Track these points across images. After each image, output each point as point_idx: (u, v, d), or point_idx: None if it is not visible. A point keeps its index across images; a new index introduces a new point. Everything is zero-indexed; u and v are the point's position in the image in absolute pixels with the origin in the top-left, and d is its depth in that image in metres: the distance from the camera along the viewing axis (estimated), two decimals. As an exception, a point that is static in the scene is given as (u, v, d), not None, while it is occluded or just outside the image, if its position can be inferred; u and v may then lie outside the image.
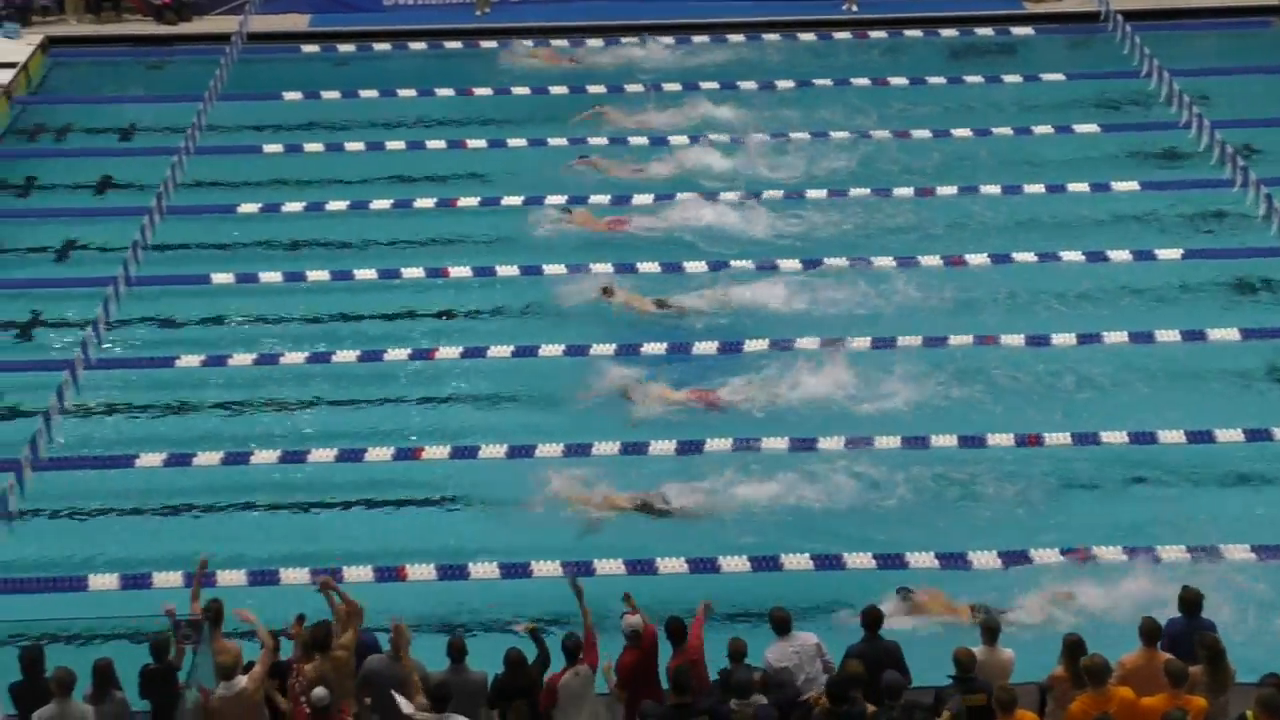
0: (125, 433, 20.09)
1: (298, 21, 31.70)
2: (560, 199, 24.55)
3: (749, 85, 28.46)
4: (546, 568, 17.30)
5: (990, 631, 14.00)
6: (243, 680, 13.57)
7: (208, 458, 19.21)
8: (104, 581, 17.30)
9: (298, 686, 13.43)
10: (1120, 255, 22.97)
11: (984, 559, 17.29)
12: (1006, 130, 26.61)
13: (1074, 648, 13.53)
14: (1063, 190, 24.78)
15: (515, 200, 24.70)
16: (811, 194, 24.84)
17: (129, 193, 25.56)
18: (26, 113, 28.54)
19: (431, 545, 17.91)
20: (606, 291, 21.87)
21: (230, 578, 17.11)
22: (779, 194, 24.82)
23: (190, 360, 21.03)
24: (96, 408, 20.52)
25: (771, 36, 30.70)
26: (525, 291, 22.61)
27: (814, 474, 18.75)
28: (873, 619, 14.08)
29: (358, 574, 17.13)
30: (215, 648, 13.98)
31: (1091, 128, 26.65)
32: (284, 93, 28.63)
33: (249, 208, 24.82)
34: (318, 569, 16.94)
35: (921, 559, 17.34)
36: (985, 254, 23.07)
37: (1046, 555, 17.27)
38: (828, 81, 28.62)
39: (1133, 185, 24.85)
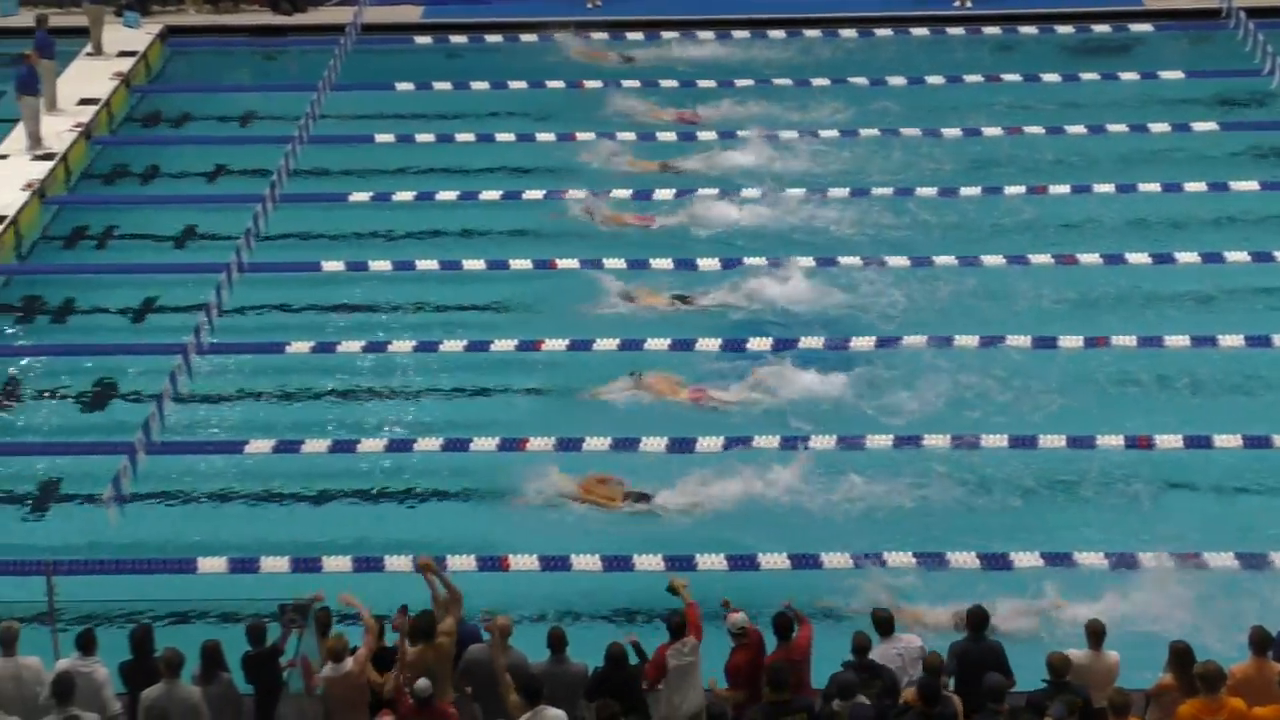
0: (235, 417, 20.31)
1: (410, 13, 31.93)
2: (668, 193, 24.59)
3: (859, 81, 28.31)
4: (649, 561, 17.30)
5: (1095, 635, 13.78)
6: (349, 662, 13.69)
7: (315, 444, 19.37)
8: (213, 564, 17.50)
9: (402, 679, 13.51)
10: (1238, 256, 22.57)
11: (1089, 559, 17.09)
12: (1122, 128, 26.24)
13: (1182, 655, 13.28)
14: (1179, 190, 24.40)
15: (624, 193, 24.71)
16: (921, 191, 24.65)
17: (243, 180, 25.87)
18: (145, 101, 28.99)
19: (535, 536, 17.94)
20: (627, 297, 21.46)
21: (336, 564, 17.26)
22: (889, 190, 24.65)
23: (300, 347, 21.23)
24: (208, 392, 20.77)
25: (884, 32, 30.52)
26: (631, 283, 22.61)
27: (919, 473, 18.64)
28: (977, 619, 13.92)
29: (461, 563, 17.22)
30: (320, 646, 14.11)
31: (1210, 126, 26.24)
32: (396, 83, 28.85)
33: (360, 196, 25.03)
34: (419, 556, 17.07)
35: (1026, 559, 17.17)
36: (1098, 254, 22.77)
37: (1152, 558, 17.03)
38: (939, 79, 28.39)
39: (1252, 185, 24.44)
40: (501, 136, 26.73)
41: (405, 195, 25.00)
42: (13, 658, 13.69)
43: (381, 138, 26.89)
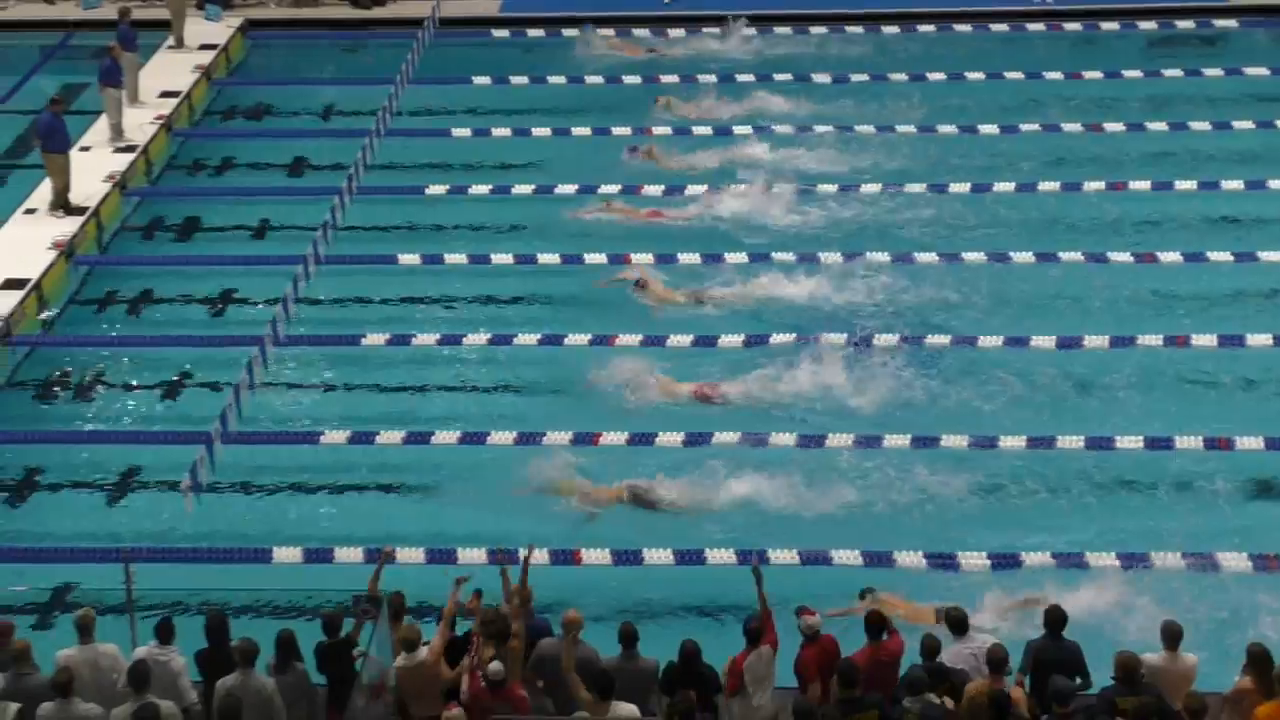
0: (311, 409, 20.42)
1: (489, 6, 32.02)
2: (741, 188, 24.56)
3: (937, 76, 28.18)
4: (721, 555, 17.28)
5: (1172, 637, 13.62)
6: (423, 652, 13.75)
7: (390, 436, 19.45)
8: (288, 555, 17.61)
9: (473, 662, 13.56)
10: (1323, 255, 22.32)
11: (1166, 560, 16.94)
12: (1205, 125, 25.95)
13: (1260, 660, 13.12)
14: (1263, 187, 24.08)
15: (698, 189, 24.66)
16: (999, 187, 24.50)
17: (321, 173, 26.01)
18: (224, 94, 29.22)
19: (610, 530, 17.93)
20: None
21: (409, 555, 17.35)
22: (965, 187, 24.51)
23: (376, 339, 21.34)
24: (284, 383, 20.88)
25: (963, 27, 30.35)
26: (705, 277, 22.56)
27: (992, 472, 18.54)
28: (1055, 619, 13.78)
29: (534, 557, 17.18)
30: (394, 632, 14.17)
31: (1297, 123, 25.96)
32: (474, 77, 28.94)
33: (437, 190, 25.12)
34: (494, 549, 17.12)
35: (1101, 560, 17.03)
36: (1179, 252, 22.52)
37: (1232, 560, 16.88)
38: (1019, 74, 28.20)
39: (1339, 182, 24.14)
40: (577, 131, 26.75)
41: (481, 189, 25.08)
42: (90, 644, 13.84)
43: (458, 132, 26.98)
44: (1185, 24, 30.11)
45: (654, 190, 24.69)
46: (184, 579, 16.85)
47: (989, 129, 26.18)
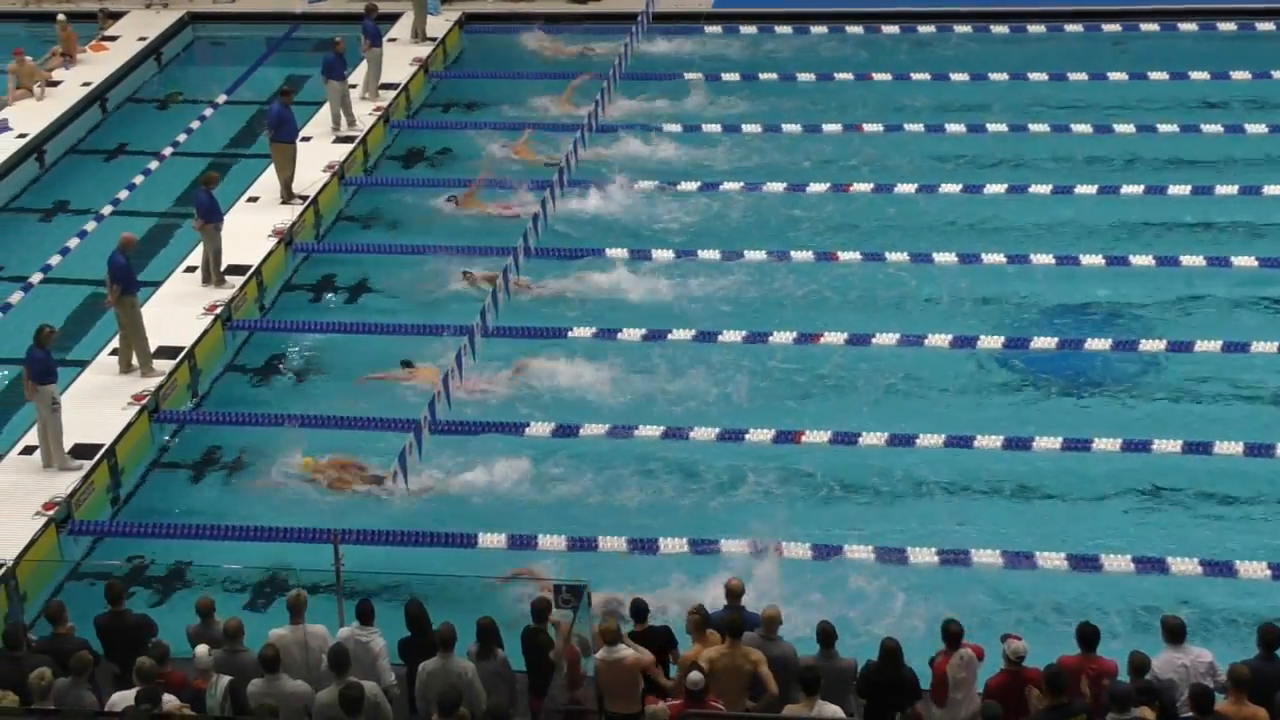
0: (515, 398, 20.58)
1: (702, 2, 32.06)
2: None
3: (1118, 76, 27.88)
4: (924, 555, 17.14)
5: None
6: (625, 649, 13.77)
7: (594, 429, 19.54)
8: (493, 540, 17.80)
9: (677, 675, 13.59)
10: None
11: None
12: None
13: None
14: None
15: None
16: (1173, 190, 24.10)
17: (532, 166, 26.23)
18: (440, 86, 29.66)
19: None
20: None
21: (611, 544, 17.47)
22: (1139, 189, 24.16)
23: (582, 332, 21.47)
24: (490, 374, 21.08)
25: (1150, 26, 29.90)
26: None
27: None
28: (1271, 637, 13.33)
29: (733, 548, 17.32)
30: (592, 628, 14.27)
31: None
32: (684, 73, 29.00)
33: (645, 185, 25.18)
34: (696, 540, 17.16)
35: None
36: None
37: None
38: (1204, 74, 27.59)
39: None
40: (787, 128, 26.70)
41: (689, 185, 25.10)
42: (300, 625, 14.13)
43: (669, 128, 27.03)
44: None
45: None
46: (391, 562, 17.14)
47: (1169, 128, 25.78)
